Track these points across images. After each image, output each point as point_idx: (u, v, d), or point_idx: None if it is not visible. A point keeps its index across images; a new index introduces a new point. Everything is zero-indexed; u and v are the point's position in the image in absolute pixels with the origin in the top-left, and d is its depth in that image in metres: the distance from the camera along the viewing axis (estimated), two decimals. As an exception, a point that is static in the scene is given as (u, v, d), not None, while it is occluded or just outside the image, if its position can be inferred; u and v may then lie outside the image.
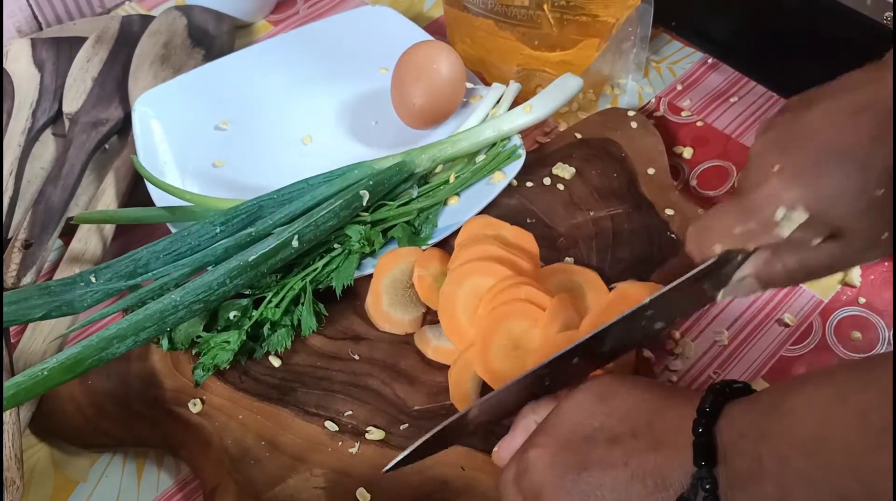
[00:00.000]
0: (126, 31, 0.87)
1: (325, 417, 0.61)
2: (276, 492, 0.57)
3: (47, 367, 0.53)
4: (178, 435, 0.61)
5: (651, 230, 0.71)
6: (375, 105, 0.80)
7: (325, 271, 0.66)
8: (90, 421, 0.61)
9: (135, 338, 0.57)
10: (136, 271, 0.63)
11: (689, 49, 0.88)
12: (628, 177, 0.75)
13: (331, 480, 0.58)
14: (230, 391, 0.62)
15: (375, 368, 0.64)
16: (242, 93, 0.81)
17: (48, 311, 0.60)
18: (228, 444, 0.60)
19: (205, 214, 0.68)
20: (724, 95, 0.84)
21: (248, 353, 0.64)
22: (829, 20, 0.74)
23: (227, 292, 0.61)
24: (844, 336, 0.67)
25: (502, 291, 0.61)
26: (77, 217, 0.67)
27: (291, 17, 0.94)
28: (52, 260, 0.71)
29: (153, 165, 0.73)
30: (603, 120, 0.80)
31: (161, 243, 0.64)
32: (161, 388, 0.63)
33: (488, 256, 0.64)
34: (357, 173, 0.69)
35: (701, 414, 0.43)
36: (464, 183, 0.73)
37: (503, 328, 0.60)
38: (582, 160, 0.76)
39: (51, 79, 0.83)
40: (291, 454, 0.59)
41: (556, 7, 0.75)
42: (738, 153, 0.79)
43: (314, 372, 0.64)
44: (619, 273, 0.68)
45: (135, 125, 0.75)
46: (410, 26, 0.83)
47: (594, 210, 0.73)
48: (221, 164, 0.76)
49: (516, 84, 0.78)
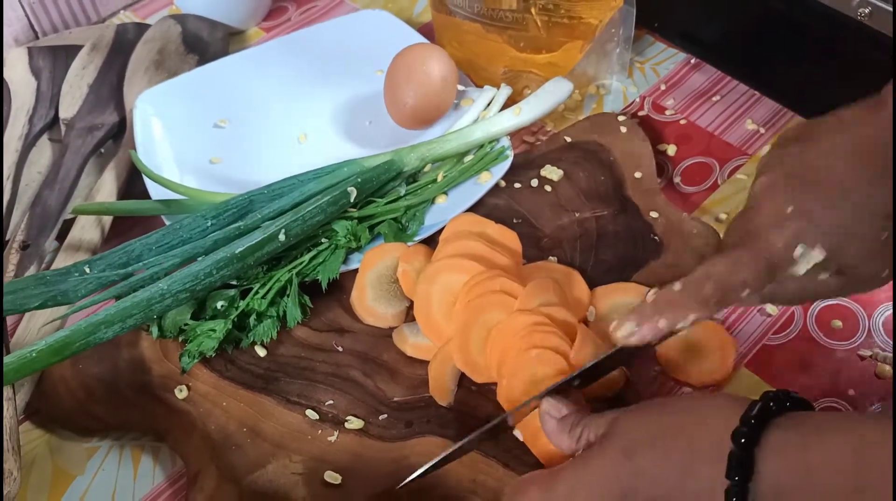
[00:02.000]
0: (121, 39, 0.89)
1: (306, 406, 0.63)
2: (255, 477, 0.59)
3: (36, 349, 0.55)
4: (164, 421, 0.63)
5: (635, 233, 0.72)
6: (370, 106, 0.82)
7: (311, 265, 0.67)
8: (80, 404, 0.63)
9: (122, 324, 0.59)
10: (128, 261, 0.65)
11: (672, 50, 0.90)
12: (615, 180, 0.76)
13: (308, 467, 0.60)
14: (216, 379, 0.64)
15: (358, 360, 0.65)
16: (242, 92, 0.83)
17: (44, 300, 0.62)
18: (212, 430, 0.61)
19: (199, 207, 0.70)
20: (707, 94, 0.85)
21: (234, 342, 0.65)
22: (809, 19, 0.75)
23: (214, 283, 0.63)
24: (825, 325, 0.67)
25: (478, 283, 0.62)
26: (75, 208, 0.69)
27: (283, 24, 0.96)
28: (49, 261, 0.73)
29: (151, 162, 0.75)
30: (592, 124, 0.81)
31: (154, 236, 0.66)
32: (149, 374, 0.64)
33: (467, 252, 0.65)
34: (346, 171, 0.71)
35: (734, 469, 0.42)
36: (451, 182, 0.74)
37: (480, 320, 0.61)
38: (570, 163, 0.77)
39: (47, 86, 0.85)
40: (272, 441, 0.61)
41: (543, 10, 0.77)
42: (721, 150, 0.81)
43: (298, 362, 0.65)
44: (601, 274, 0.69)
45: (135, 121, 0.77)
46: (407, 30, 0.85)
47: (580, 212, 0.74)
48: (218, 160, 0.78)
49: (507, 88, 0.80)
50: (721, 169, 0.79)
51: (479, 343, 0.61)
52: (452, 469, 0.58)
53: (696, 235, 0.71)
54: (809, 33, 0.76)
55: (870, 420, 0.41)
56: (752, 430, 0.42)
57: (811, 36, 0.77)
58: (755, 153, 0.80)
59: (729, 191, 0.77)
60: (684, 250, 0.70)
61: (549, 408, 0.54)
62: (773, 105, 0.84)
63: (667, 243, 0.71)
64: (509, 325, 0.60)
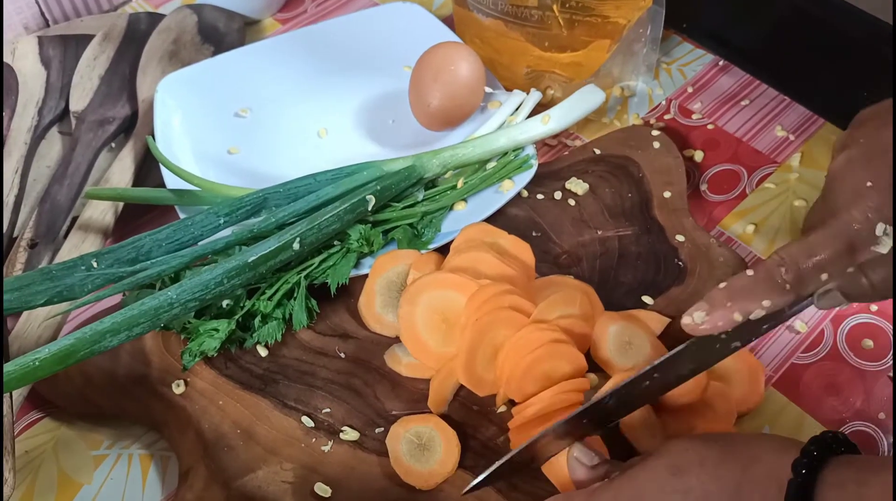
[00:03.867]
0: (133, 29, 0.87)
1: (302, 412, 0.62)
2: (244, 481, 0.58)
3: (39, 357, 0.54)
4: (160, 414, 0.62)
5: (658, 255, 0.70)
6: (395, 103, 0.80)
7: (321, 268, 0.66)
8: (78, 389, 0.63)
9: (128, 333, 0.57)
10: (137, 257, 0.64)
11: (699, 51, 0.87)
12: (642, 198, 0.73)
13: (299, 476, 0.59)
14: (214, 376, 0.63)
15: (360, 368, 0.64)
16: (265, 82, 0.81)
17: (50, 297, 0.60)
18: (205, 428, 0.60)
19: (213, 199, 0.69)
20: (735, 98, 0.83)
21: (237, 342, 0.64)
22: (841, 23, 0.72)
23: (224, 292, 0.61)
24: (856, 344, 0.65)
25: (486, 300, 0.60)
26: (88, 193, 0.69)
27: (300, 15, 0.94)
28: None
29: (168, 149, 0.74)
30: (625, 137, 0.78)
31: (164, 231, 0.65)
32: (149, 366, 0.64)
33: (474, 264, 0.63)
34: (366, 175, 0.69)
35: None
36: (471, 189, 0.72)
37: (487, 338, 0.59)
38: (597, 177, 0.75)
39: (57, 76, 0.83)
40: (265, 445, 0.60)
41: (566, 8, 0.74)
42: (749, 157, 0.78)
43: (298, 366, 0.64)
44: (619, 297, 0.67)
45: (155, 107, 0.76)
46: (438, 26, 0.83)
47: (602, 229, 0.71)
48: (236, 151, 0.77)
49: (537, 93, 0.77)
50: (749, 177, 0.77)
51: (485, 362, 0.60)
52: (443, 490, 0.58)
53: (722, 263, 0.68)
54: (843, 38, 0.74)
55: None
56: (812, 461, 0.43)
57: (844, 41, 0.74)
58: (784, 161, 0.78)
59: (757, 201, 0.75)
60: (709, 277, 0.67)
61: (580, 455, 0.53)
62: (803, 111, 0.81)
63: (691, 268, 0.68)
64: (521, 341, 0.59)
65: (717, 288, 0.48)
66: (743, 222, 0.74)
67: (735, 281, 0.48)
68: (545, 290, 0.64)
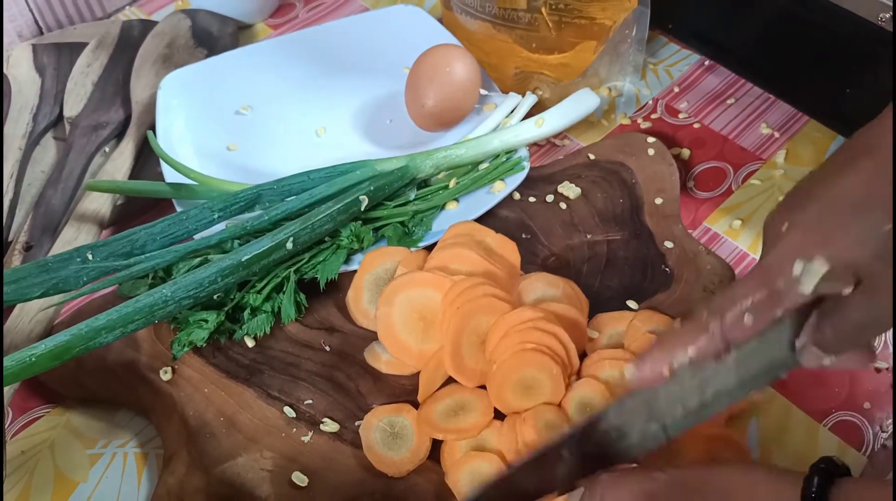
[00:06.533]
0: (126, 36, 0.89)
1: (285, 402, 0.63)
2: (224, 468, 0.59)
3: (35, 353, 0.55)
4: (148, 399, 0.64)
5: (646, 261, 0.70)
6: (393, 104, 0.81)
7: (311, 263, 0.67)
8: (70, 372, 0.64)
9: (123, 330, 0.59)
10: (132, 251, 0.65)
11: (685, 51, 0.88)
12: (634, 204, 0.74)
13: (278, 464, 0.60)
14: (201, 364, 0.65)
15: (344, 362, 0.65)
16: (267, 81, 0.83)
17: (46, 289, 0.61)
18: (189, 414, 0.62)
19: (209, 194, 0.70)
20: (721, 97, 0.84)
21: (227, 333, 0.65)
22: (825, 22, 0.73)
23: (218, 290, 0.63)
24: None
25: (464, 291, 0.60)
26: (88, 184, 0.70)
27: (291, 20, 0.95)
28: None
29: (168, 145, 0.75)
30: (620, 143, 0.78)
31: (159, 225, 0.66)
32: (139, 352, 0.65)
33: (457, 261, 0.63)
34: (359, 174, 0.70)
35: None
36: (463, 189, 0.73)
37: (471, 325, 0.60)
38: (590, 182, 0.75)
39: (52, 83, 0.84)
40: (246, 433, 0.61)
41: (554, 10, 0.75)
42: (735, 154, 0.79)
43: (284, 358, 0.65)
44: (604, 301, 0.67)
45: (158, 104, 0.78)
46: (438, 28, 0.84)
47: (592, 233, 0.72)
48: (235, 148, 0.79)
49: (532, 96, 0.78)
50: (735, 174, 0.78)
51: (470, 349, 0.60)
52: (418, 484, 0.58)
53: (709, 271, 0.68)
54: (827, 37, 0.74)
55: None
56: (823, 477, 0.45)
57: (828, 39, 0.74)
58: (769, 158, 0.78)
59: (743, 197, 0.76)
60: (695, 284, 0.68)
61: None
62: (787, 109, 0.82)
63: (678, 275, 0.68)
64: (507, 320, 0.59)
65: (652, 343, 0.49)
66: (729, 218, 0.75)
67: (663, 333, 0.49)
68: (528, 286, 0.64)
